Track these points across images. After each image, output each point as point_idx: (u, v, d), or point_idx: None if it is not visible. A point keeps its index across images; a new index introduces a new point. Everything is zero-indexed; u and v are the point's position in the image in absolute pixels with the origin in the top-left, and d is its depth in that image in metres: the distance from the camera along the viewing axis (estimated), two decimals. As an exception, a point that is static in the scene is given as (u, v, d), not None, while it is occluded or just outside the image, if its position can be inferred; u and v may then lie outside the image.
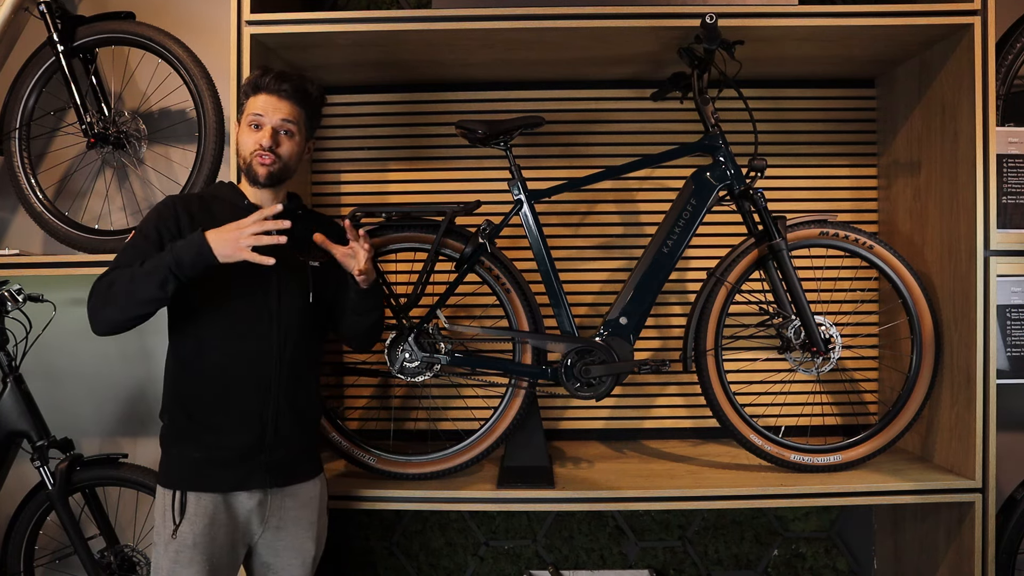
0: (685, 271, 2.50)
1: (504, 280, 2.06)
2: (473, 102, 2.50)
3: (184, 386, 1.64)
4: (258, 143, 1.66)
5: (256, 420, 1.64)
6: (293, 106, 1.69)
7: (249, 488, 1.64)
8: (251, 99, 1.69)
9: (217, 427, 1.62)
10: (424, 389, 2.49)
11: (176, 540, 1.58)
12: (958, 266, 2.05)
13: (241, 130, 1.71)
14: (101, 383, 2.52)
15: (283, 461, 1.69)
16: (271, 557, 1.72)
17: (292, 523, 1.71)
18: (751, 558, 2.55)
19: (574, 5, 1.97)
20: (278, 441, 1.67)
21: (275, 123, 1.67)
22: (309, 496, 1.75)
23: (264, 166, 1.66)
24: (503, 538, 2.56)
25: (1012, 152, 2.11)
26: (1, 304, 2.14)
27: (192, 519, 1.59)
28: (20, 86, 2.26)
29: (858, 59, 2.28)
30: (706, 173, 2.04)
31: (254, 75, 1.70)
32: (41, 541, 2.31)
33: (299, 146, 1.72)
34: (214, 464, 1.62)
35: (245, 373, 1.64)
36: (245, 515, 1.66)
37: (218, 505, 1.62)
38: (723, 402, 2.06)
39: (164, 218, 1.63)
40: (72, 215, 2.33)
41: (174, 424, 1.65)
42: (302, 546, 1.73)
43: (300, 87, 1.70)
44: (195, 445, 1.62)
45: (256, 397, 1.64)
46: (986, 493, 2.00)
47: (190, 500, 1.60)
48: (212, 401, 1.62)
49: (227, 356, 1.62)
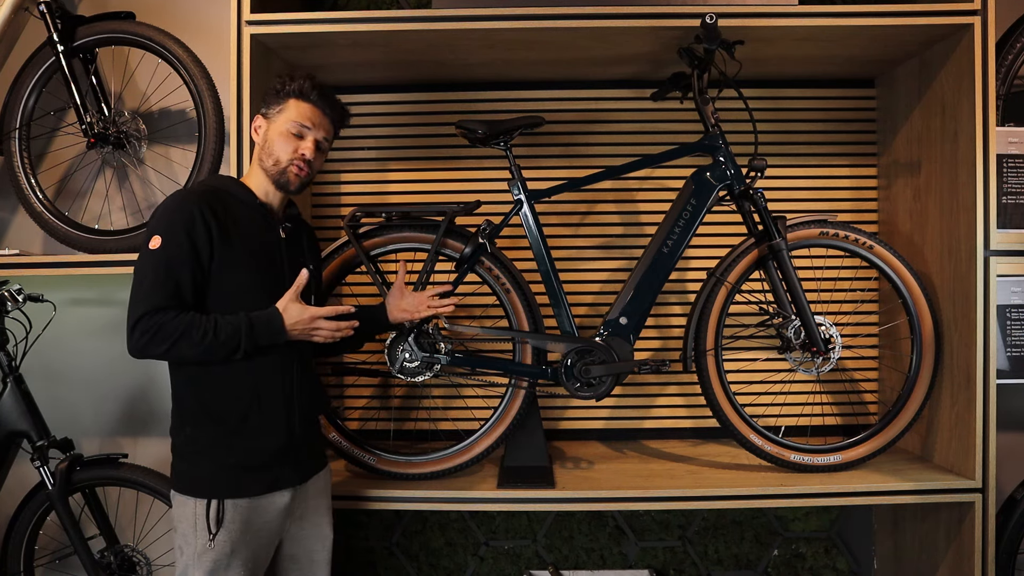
0: (685, 271, 2.50)
1: (504, 280, 2.06)
2: (473, 102, 2.50)
3: (210, 395, 1.61)
4: (300, 152, 1.67)
5: (284, 422, 1.65)
6: (332, 125, 1.75)
7: (280, 488, 1.66)
8: (294, 103, 1.68)
9: (251, 435, 1.62)
10: (424, 389, 2.49)
11: (213, 550, 1.56)
12: (958, 266, 2.05)
13: (277, 131, 1.68)
14: (101, 383, 2.52)
15: (306, 457, 1.74)
16: (294, 548, 1.75)
17: (312, 512, 1.76)
18: (751, 558, 2.55)
19: (574, 5, 1.97)
20: (303, 439, 1.71)
21: (318, 137, 1.71)
22: (323, 484, 1.81)
23: (299, 176, 1.68)
24: (503, 538, 2.56)
25: (1012, 152, 2.11)
26: (1, 304, 2.14)
27: (229, 527, 1.58)
28: (20, 86, 2.26)
29: (858, 59, 2.28)
30: (706, 173, 2.04)
31: (301, 82, 1.68)
32: (41, 541, 2.31)
33: (323, 162, 1.79)
34: (248, 469, 1.62)
35: (271, 377, 1.64)
36: (277, 515, 1.67)
37: (253, 509, 1.61)
38: (723, 402, 2.06)
39: (191, 223, 1.55)
40: (72, 215, 2.33)
41: (201, 433, 1.61)
42: (321, 532, 1.78)
43: (338, 106, 1.76)
44: (227, 452, 1.60)
45: (283, 400, 1.66)
46: (986, 493, 2.00)
47: (227, 508, 1.58)
48: (244, 407, 1.61)
49: (254, 362, 1.61)
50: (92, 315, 2.51)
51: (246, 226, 1.64)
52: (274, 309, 1.61)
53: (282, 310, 1.62)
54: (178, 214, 1.56)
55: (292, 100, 1.68)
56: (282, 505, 1.67)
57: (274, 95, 1.70)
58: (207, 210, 1.57)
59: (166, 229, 1.55)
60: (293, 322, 1.61)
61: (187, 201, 1.58)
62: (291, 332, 1.62)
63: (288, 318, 1.61)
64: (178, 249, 1.53)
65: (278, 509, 1.66)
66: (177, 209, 1.57)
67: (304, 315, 1.63)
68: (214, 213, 1.58)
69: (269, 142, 1.68)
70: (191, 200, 1.58)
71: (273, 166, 1.67)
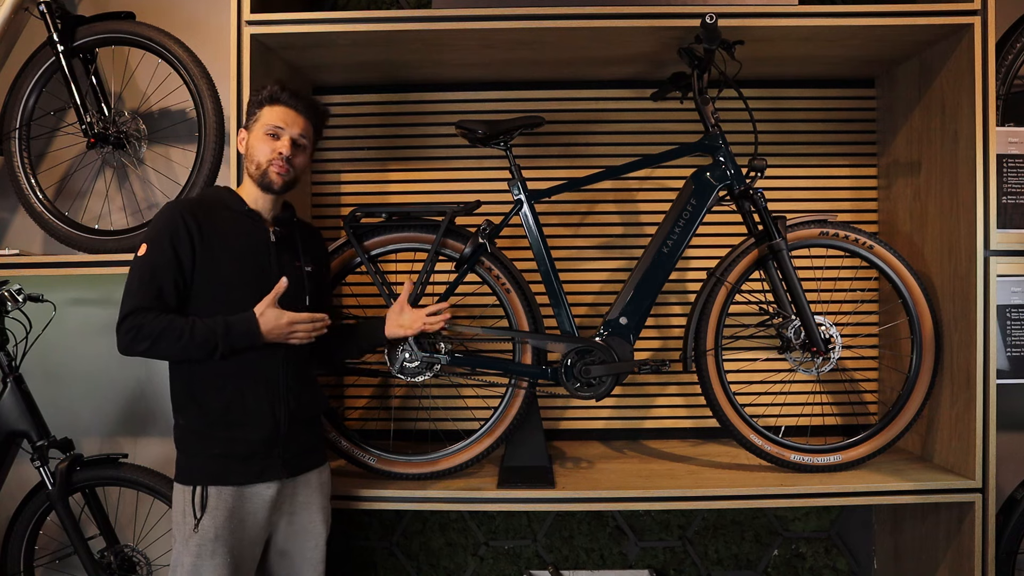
0: (685, 271, 2.50)
1: (504, 280, 2.06)
2: (473, 102, 2.50)
3: (198, 388, 1.69)
4: (277, 152, 1.74)
5: (269, 417, 1.71)
6: (307, 122, 1.80)
7: (266, 480, 1.71)
8: (267, 109, 1.76)
9: (233, 425, 1.68)
10: (424, 389, 2.49)
11: (198, 534, 1.63)
12: (958, 266, 2.05)
13: (255, 138, 1.76)
14: (101, 383, 2.53)
15: (295, 453, 1.77)
16: (286, 543, 1.79)
17: (303, 508, 1.79)
18: (751, 558, 2.55)
19: (574, 5, 1.98)
20: (290, 435, 1.74)
21: (293, 135, 1.76)
22: (319, 482, 1.83)
23: (280, 175, 1.74)
24: (503, 538, 2.56)
25: (1012, 152, 2.11)
26: (1, 304, 2.15)
27: (213, 512, 1.65)
28: (20, 86, 2.26)
29: (858, 59, 2.28)
30: (706, 173, 2.04)
31: (271, 88, 1.76)
32: (41, 541, 2.31)
33: (308, 159, 1.83)
34: (232, 459, 1.68)
35: (255, 374, 1.71)
36: (263, 506, 1.71)
37: (237, 498, 1.68)
38: (723, 402, 2.06)
39: (175, 232, 1.65)
40: (72, 215, 2.33)
41: (190, 424, 1.70)
42: (314, 529, 1.81)
43: (313, 104, 1.82)
44: (213, 442, 1.68)
45: (267, 396, 1.71)
46: (986, 493, 2.00)
47: (211, 494, 1.65)
48: (227, 402, 1.68)
49: (238, 359, 1.68)
50: (92, 315, 2.51)
51: (232, 233, 1.72)
52: (251, 314, 1.68)
53: (259, 315, 1.68)
54: (164, 224, 1.67)
55: (265, 107, 1.76)
56: (268, 497, 1.71)
57: (250, 107, 1.80)
58: (191, 220, 1.67)
59: (153, 237, 1.66)
60: (269, 327, 1.68)
61: (174, 212, 1.69)
62: (267, 336, 1.68)
63: (264, 323, 1.67)
64: (161, 256, 1.64)
65: (264, 501, 1.71)
66: (165, 219, 1.68)
67: (281, 320, 1.69)
68: (198, 223, 1.68)
69: (251, 149, 1.77)
70: (177, 211, 1.69)
71: (256, 170, 1.75)
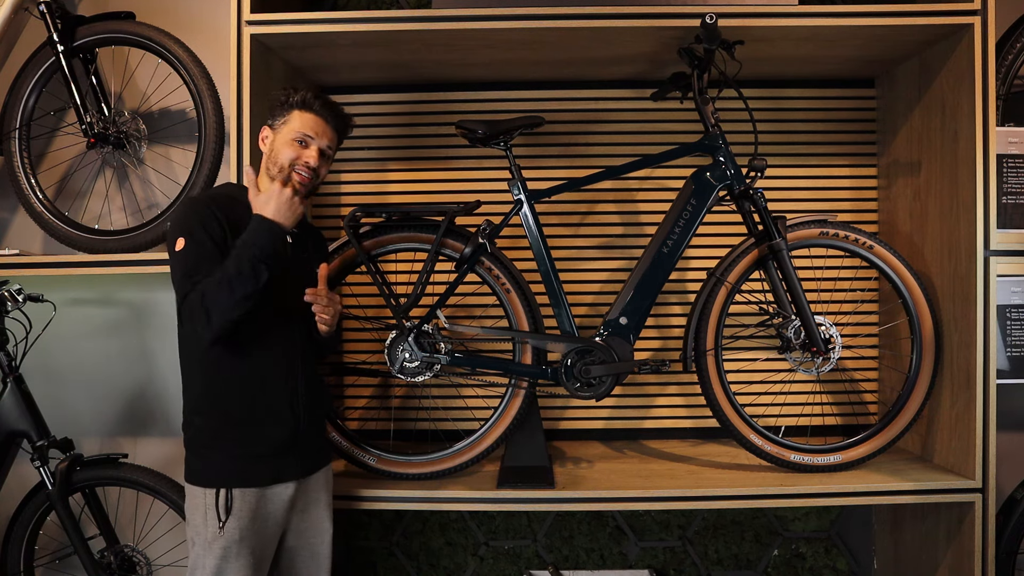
0: (685, 271, 2.50)
1: (504, 280, 2.06)
2: (473, 102, 2.50)
3: (219, 387, 1.67)
4: (304, 160, 1.73)
5: (289, 414, 1.72)
6: (335, 134, 1.81)
7: (284, 480, 1.72)
8: (297, 114, 1.75)
9: (256, 423, 1.68)
10: (424, 389, 2.49)
11: (223, 536, 1.63)
12: (958, 266, 2.05)
13: (281, 141, 1.74)
14: (101, 383, 2.53)
15: (310, 450, 1.79)
16: (296, 540, 1.80)
17: (313, 505, 1.81)
18: (751, 558, 2.55)
19: (574, 5, 1.97)
20: (307, 432, 1.76)
21: (321, 146, 1.77)
22: (325, 480, 1.85)
23: (303, 184, 1.74)
24: (503, 538, 2.56)
25: (1012, 152, 2.11)
26: (1, 304, 2.14)
27: (238, 514, 1.65)
28: (20, 86, 2.26)
29: (858, 59, 2.28)
30: (706, 173, 2.04)
31: (303, 94, 1.75)
32: (41, 541, 2.31)
33: (328, 168, 1.83)
34: (255, 459, 1.68)
35: (275, 370, 1.71)
36: (281, 506, 1.73)
37: (260, 499, 1.68)
38: (723, 402, 2.06)
39: (206, 222, 1.63)
40: (72, 215, 2.33)
41: (210, 425, 1.68)
42: (323, 526, 1.82)
43: (342, 116, 1.82)
44: (235, 443, 1.67)
45: (286, 392, 1.72)
46: (986, 493, 2.00)
47: (236, 496, 1.65)
48: (250, 400, 1.68)
49: (259, 356, 1.69)
50: (92, 315, 2.52)
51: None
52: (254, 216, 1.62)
53: (258, 208, 1.63)
54: (194, 215, 1.64)
55: (296, 111, 1.75)
56: (286, 497, 1.73)
57: (279, 107, 1.77)
58: (218, 210, 1.65)
59: (188, 229, 1.62)
60: (274, 208, 1.62)
61: (198, 203, 1.68)
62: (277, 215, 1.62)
63: (267, 209, 1.62)
64: (200, 246, 1.61)
65: (283, 500, 1.72)
66: (192, 211, 1.66)
67: (272, 191, 1.63)
68: (224, 213, 1.66)
69: (275, 151, 1.75)
70: (202, 202, 1.68)
71: (279, 172, 1.73)
